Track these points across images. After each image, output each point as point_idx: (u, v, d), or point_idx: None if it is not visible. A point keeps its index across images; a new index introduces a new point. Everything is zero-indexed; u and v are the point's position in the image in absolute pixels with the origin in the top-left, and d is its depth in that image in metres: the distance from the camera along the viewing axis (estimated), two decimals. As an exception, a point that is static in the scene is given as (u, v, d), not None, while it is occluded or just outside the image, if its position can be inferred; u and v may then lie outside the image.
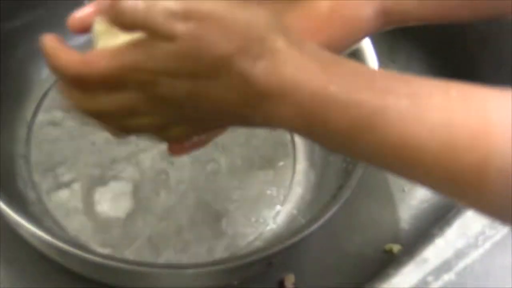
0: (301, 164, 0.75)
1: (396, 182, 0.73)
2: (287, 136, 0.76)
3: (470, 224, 0.61)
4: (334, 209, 0.60)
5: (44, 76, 0.76)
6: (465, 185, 0.41)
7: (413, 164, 0.41)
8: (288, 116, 0.42)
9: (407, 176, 0.43)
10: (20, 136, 0.74)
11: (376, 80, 0.42)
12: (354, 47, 0.57)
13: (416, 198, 0.73)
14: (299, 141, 0.76)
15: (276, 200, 0.73)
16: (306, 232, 0.59)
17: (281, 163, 0.75)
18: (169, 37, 0.42)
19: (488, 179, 0.40)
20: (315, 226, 0.59)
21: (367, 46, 0.66)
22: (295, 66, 0.42)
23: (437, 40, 0.73)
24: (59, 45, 0.46)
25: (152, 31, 0.43)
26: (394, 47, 0.77)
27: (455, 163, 0.40)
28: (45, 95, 0.76)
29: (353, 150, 0.44)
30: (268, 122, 0.44)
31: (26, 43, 0.73)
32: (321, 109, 0.41)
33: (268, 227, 0.71)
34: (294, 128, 0.44)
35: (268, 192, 0.73)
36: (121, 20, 0.44)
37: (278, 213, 0.72)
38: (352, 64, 0.43)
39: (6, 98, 0.73)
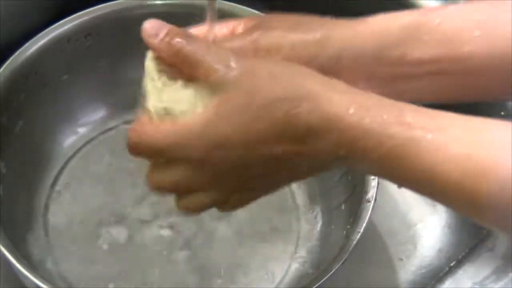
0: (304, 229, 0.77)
1: (395, 250, 0.75)
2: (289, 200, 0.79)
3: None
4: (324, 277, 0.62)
5: (67, 144, 0.80)
6: (485, 209, 0.44)
7: (440, 190, 0.45)
8: (332, 149, 0.47)
9: (437, 199, 0.47)
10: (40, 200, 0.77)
11: (405, 114, 0.46)
12: None
13: (414, 265, 0.75)
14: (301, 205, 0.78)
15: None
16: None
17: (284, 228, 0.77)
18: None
19: (503, 204, 0.43)
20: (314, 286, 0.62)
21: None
22: (333, 103, 0.46)
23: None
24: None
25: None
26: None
27: (475, 190, 0.44)
28: (67, 162, 0.80)
29: (389, 175, 0.48)
30: (317, 157, 0.48)
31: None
32: (359, 141, 0.46)
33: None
34: (339, 159, 0.48)
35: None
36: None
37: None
38: (380, 98, 0.48)
39: (30, 162, 0.77)
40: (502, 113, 0.74)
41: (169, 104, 0.49)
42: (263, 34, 0.53)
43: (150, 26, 0.52)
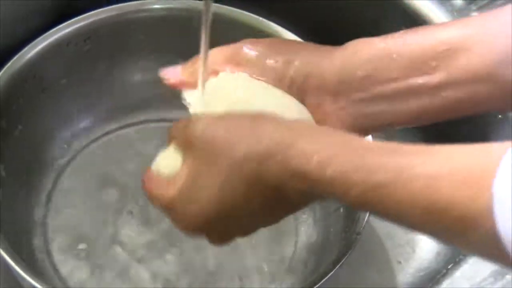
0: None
1: (393, 252, 0.75)
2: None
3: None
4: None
5: (67, 147, 0.80)
6: (456, 238, 0.45)
7: (408, 225, 0.47)
8: (303, 194, 0.50)
9: (411, 230, 0.50)
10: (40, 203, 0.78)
11: (366, 157, 0.47)
12: None
13: (412, 268, 0.75)
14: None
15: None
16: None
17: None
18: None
19: (471, 232, 0.43)
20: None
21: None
22: (296, 155, 0.49)
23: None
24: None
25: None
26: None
27: (438, 224, 0.44)
28: (66, 165, 0.80)
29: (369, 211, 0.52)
30: (292, 201, 0.52)
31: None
32: (326, 189, 0.48)
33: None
34: (309, 201, 0.53)
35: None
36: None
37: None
38: (343, 141, 0.50)
39: (29, 166, 0.77)
40: (500, 116, 0.74)
41: (159, 167, 0.57)
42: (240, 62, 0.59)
43: None
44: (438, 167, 0.44)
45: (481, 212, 0.41)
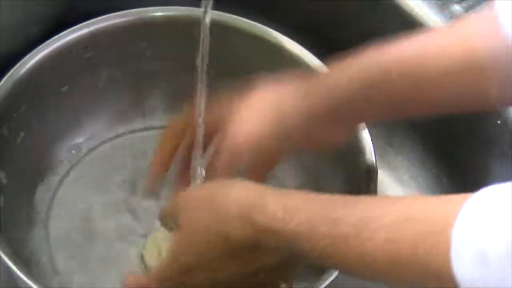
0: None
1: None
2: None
3: None
4: None
5: (68, 154, 0.81)
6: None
7: (371, 278, 0.49)
8: (274, 252, 0.53)
9: (374, 282, 0.50)
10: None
11: (331, 209, 0.49)
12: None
13: None
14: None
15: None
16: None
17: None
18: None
19: (431, 285, 0.44)
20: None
21: (364, 134, 0.70)
22: (260, 213, 0.51)
23: (434, 123, 0.76)
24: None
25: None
26: (391, 130, 0.81)
27: (400, 276, 0.46)
28: (67, 172, 0.80)
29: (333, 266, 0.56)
30: (264, 261, 0.54)
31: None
32: (293, 243, 0.50)
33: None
34: (287, 258, 0.54)
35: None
36: None
37: None
38: (306, 197, 0.51)
39: (30, 173, 0.78)
40: (499, 121, 0.74)
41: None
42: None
43: None
44: (400, 219, 0.45)
45: (442, 262, 0.42)
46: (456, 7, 0.77)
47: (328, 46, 0.62)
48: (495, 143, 0.74)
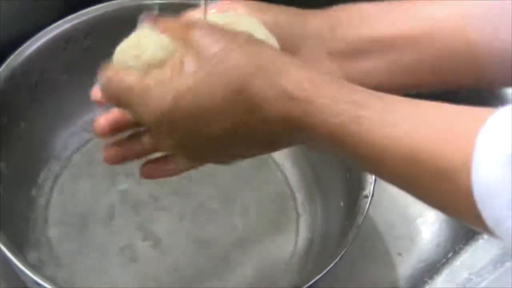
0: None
1: (393, 245, 0.76)
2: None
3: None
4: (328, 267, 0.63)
5: (68, 143, 0.81)
6: (425, 189, 0.45)
7: (383, 172, 0.47)
8: (282, 119, 0.49)
9: (383, 179, 0.48)
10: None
11: (355, 94, 0.48)
12: None
13: (412, 260, 0.75)
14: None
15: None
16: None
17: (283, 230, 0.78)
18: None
19: (443, 185, 0.44)
20: (312, 281, 0.62)
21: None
22: (288, 77, 0.48)
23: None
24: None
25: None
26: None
27: (417, 173, 0.45)
28: (67, 162, 0.80)
29: (336, 152, 0.50)
30: (267, 128, 0.50)
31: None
32: (309, 117, 0.48)
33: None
34: (289, 131, 0.50)
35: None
36: None
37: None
38: (333, 78, 0.50)
39: (30, 162, 0.78)
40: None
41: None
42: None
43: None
44: (425, 117, 0.45)
45: (460, 166, 0.42)
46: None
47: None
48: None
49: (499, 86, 0.71)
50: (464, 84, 0.57)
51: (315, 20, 0.57)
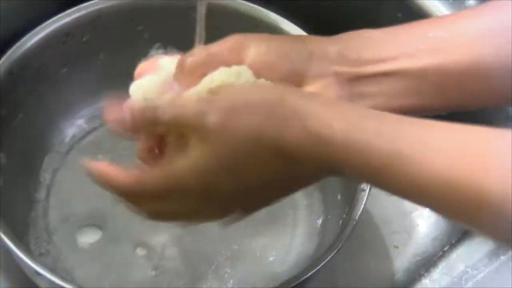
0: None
1: (390, 238, 0.76)
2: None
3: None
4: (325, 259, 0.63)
5: (67, 136, 0.81)
6: (466, 216, 0.46)
7: (425, 199, 0.47)
8: (317, 164, 0.49)
9: (426, 207, 0.49)
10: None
11: (385, 126, 0.47)
12: None
13: (409, 253, 0.76)
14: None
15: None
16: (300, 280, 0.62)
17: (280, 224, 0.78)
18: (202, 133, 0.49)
19: (484, 212, 0.44)
20: (309, 273, 0.62)
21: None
22: (317, 119, 0.48)
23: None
24: (107, 169, 0.57)
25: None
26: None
27: (456, 201, 0.45)
28: (67, 154, 0.81)
29: (378, 186, 0.50)
30: (304, 173, 0.51)
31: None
32: (342, 154, 0.48)
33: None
34: (325, 172, 0.51)
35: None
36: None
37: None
38: (361, 110, 0.50)
39: (30, 154, 0.78)
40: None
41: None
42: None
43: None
44: (459, 145, 0.45)
45: (496, 193, 0.43)
46: (471, 2, 0.77)
47: (327, 28, 0.62)
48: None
49: (505, 105, 0.71)
50: (471, 104, 0.58)
51: (322, 44, 0.57)
